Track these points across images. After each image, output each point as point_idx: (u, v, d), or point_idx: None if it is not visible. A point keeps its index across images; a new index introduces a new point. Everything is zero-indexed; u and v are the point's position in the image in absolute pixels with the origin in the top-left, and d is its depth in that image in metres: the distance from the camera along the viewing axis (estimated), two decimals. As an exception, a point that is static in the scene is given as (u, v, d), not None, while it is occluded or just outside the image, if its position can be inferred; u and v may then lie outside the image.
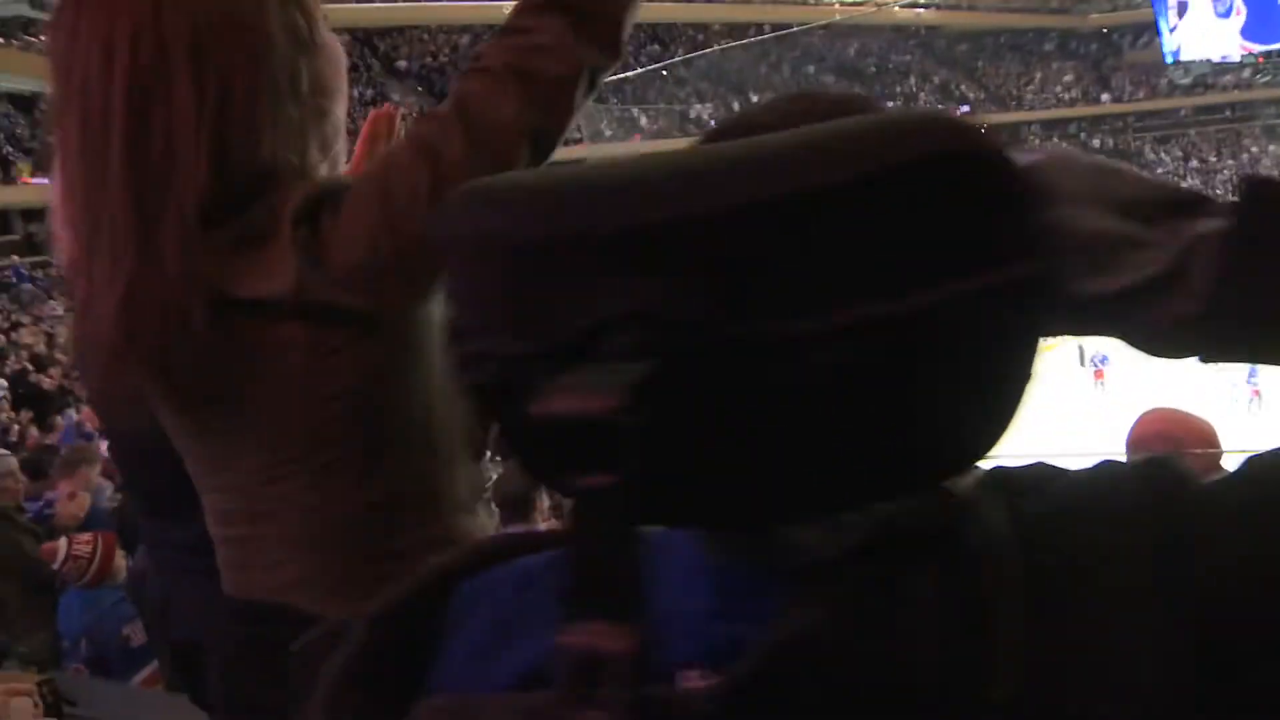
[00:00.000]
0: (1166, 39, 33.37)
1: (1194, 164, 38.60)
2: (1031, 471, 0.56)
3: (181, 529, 1.20)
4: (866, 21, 37.42)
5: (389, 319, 0.94)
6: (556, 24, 1.05)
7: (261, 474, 0.98)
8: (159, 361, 0.93)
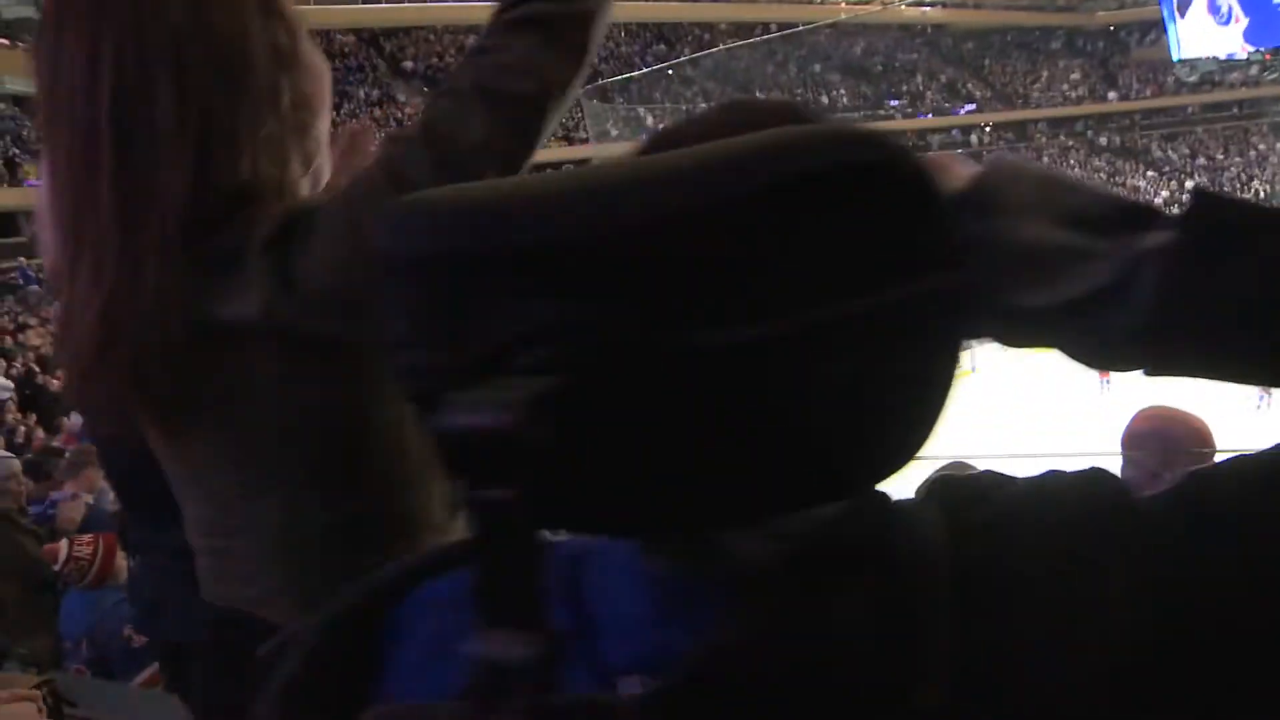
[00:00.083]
0: (1174, 36, 33.29)
1: (1201, 161, 38.49)
2: (977, 481, 0.56)
3: (167, 532, 1.20)
4: (873, 20, 37.39)
5: (359, 342, 0.93)
6: (525, 41, 1.04)
7: (236, 488, 0.98)
8: (135, 375, 0.93)
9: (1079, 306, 0.56)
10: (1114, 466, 2.61)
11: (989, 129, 37.23)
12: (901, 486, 0.54)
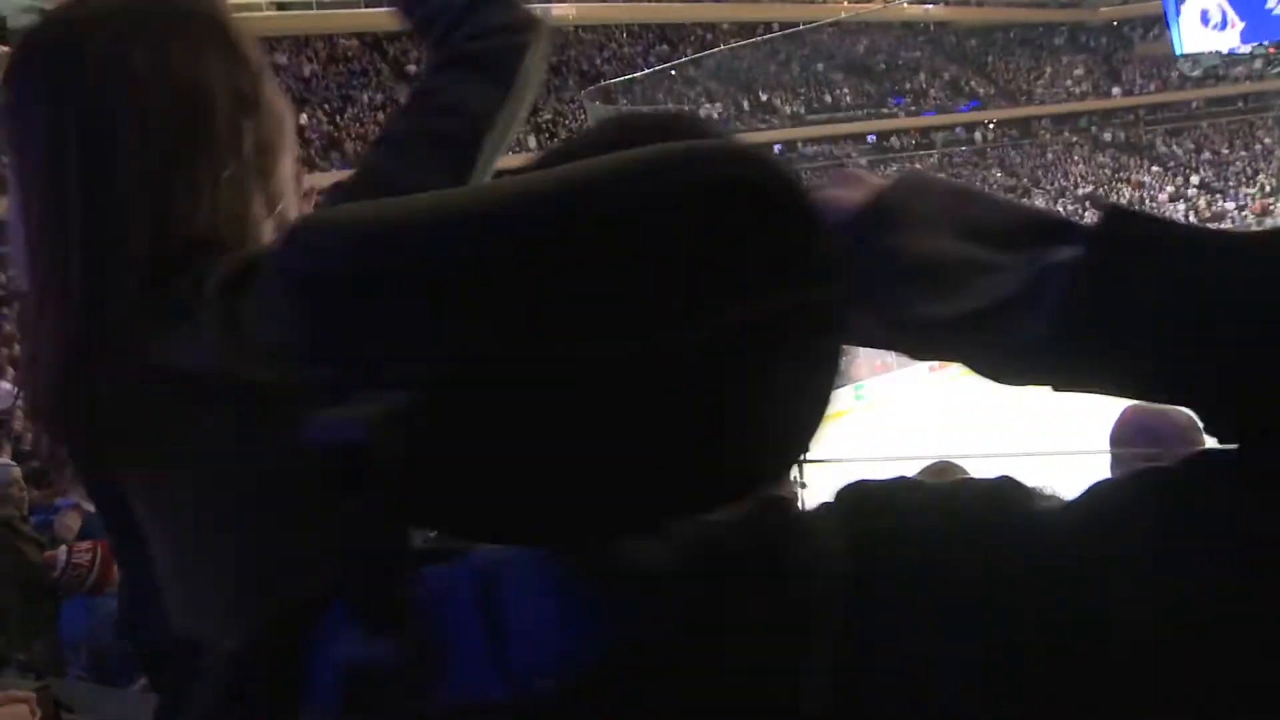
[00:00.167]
0: (1176, 31, 33.21)
1: (1206, 156, 38.40)
2: (885, 489, 0.56)
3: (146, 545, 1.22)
4: (875, 18, 37.41)
5: None
6: (458, 80, 1.06)
7: (195, 525, 1.00)
8: (93, 416, 0.95)
9: (981, 319, 0.55)
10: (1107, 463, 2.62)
11: (993, 126, 37.19)
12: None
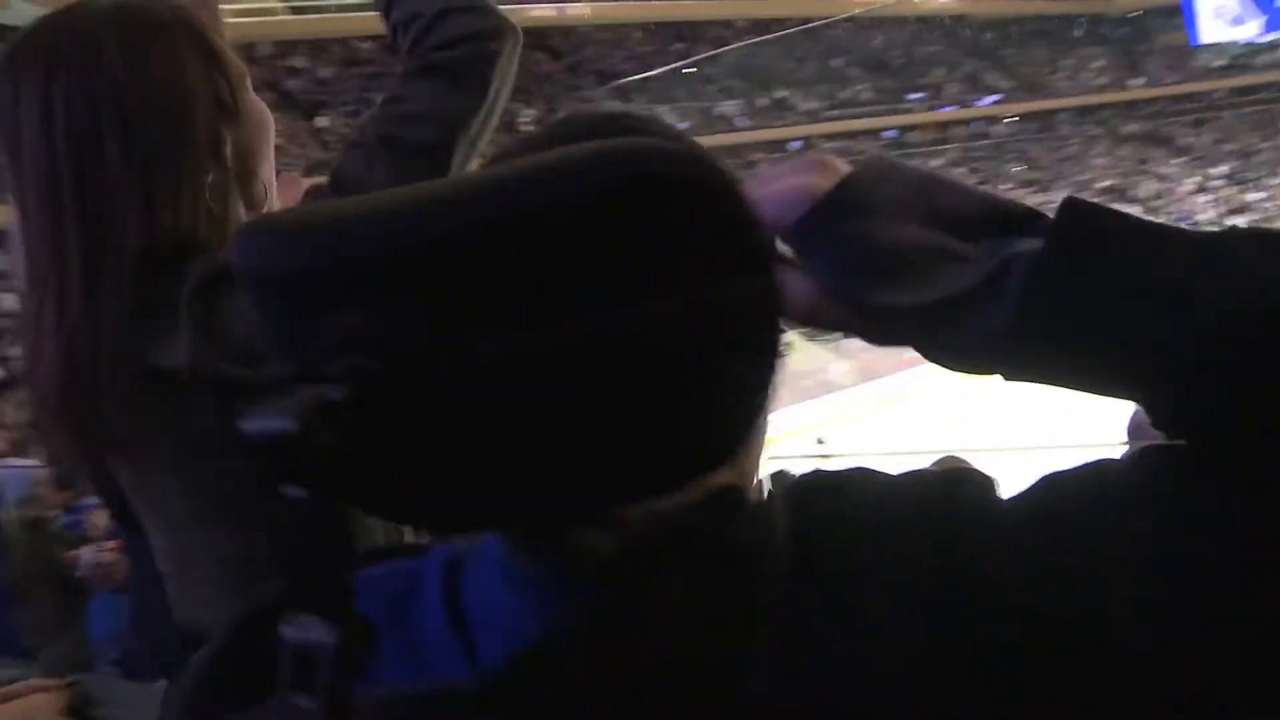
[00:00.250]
0: (1194, 22, 32.96)
1: (1231, 147, 38.08)
2: (837, 477, 0.57)
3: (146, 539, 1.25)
4: (891, 13, 37.27)
5: None
6: (427, 90, 1.09)
7: (191, 519, 1.04)
8: (92, 413, 0.98)
9: (943, 308, 0.56)
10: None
11: (1012, 120, 37.00)
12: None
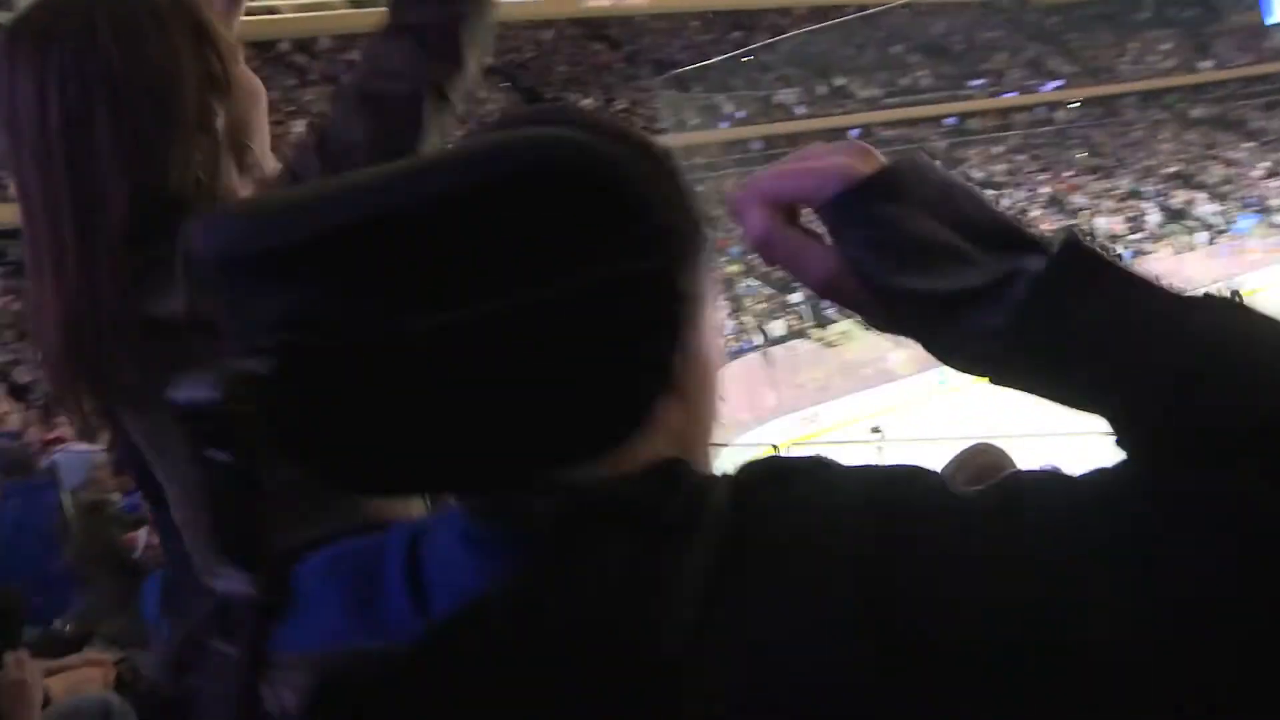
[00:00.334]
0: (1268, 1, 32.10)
1: (1303, 130, 37.03)
2: (789, 463, 0.61)
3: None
4: (952, -2, 36.79)
5: None
6: (402, 48, 1.17)
7: (192, 473, 1.10)
8: (97, 365, 1.07)
9: (948, 300, 0.60)
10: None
11: (1076, 105, 36.32)
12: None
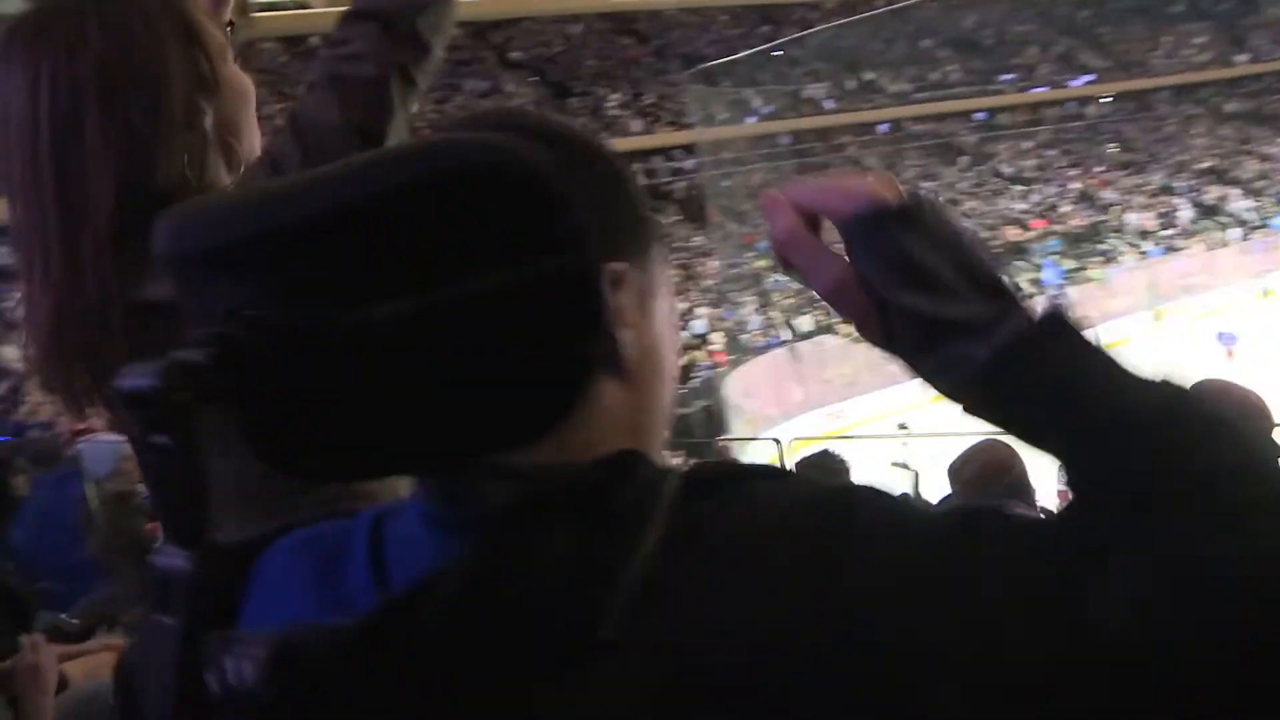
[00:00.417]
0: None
1: (1341, 125, 36.52)
2: (746, 469, 0.65)
3: None
4: (983, -8, 36.48)
5: None
6: (366, 32, 1.21)
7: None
8: (86, 355, 1.09)
9: (942, 327, 0.66)
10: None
11: (1107, 100, 35.97)
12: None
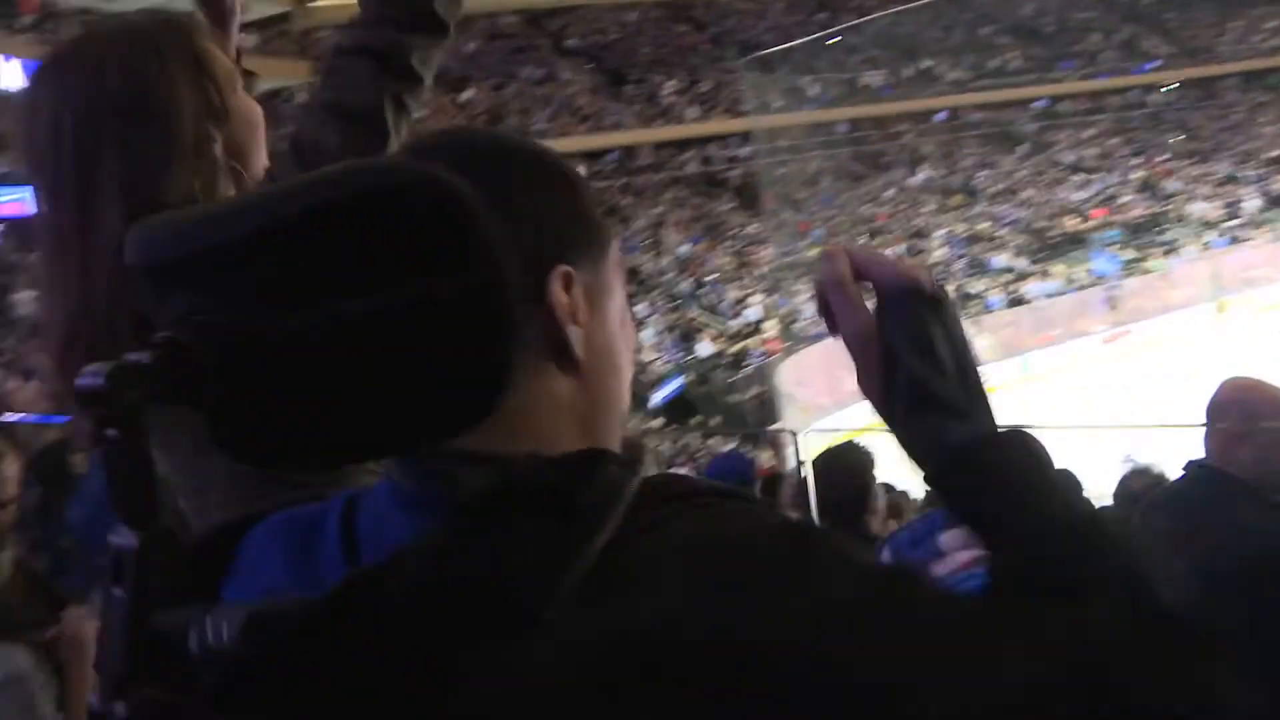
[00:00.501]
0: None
1: None
2: (700, 488, 0.71)
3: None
4: (1045, -23, 35.83)
5: None
6: (362, 65, 1.33)
7: (192, 452, 1.20)
8: (95, 351, 1.17)
9: (935, 397, 0.79)
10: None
11: (1172, 88, 35.20)
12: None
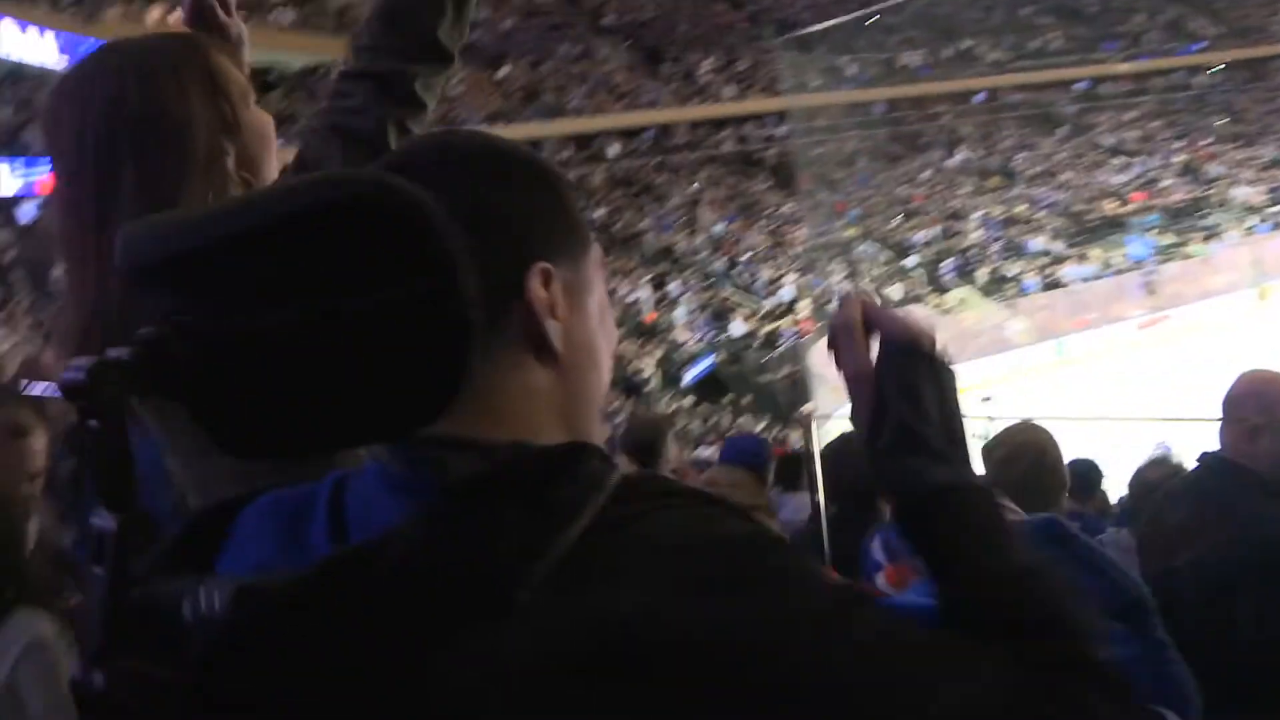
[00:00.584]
0: None
1: None
2: (680, 488, 0.74)
3: None
4: (1090, -44, 35.32)
5: None
6: (364, 89, 1.42)
7: (195, 446, 1.23)
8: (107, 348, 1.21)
9: (922, 441, 0.83)
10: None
11: (1218, 70, 34.62)
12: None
